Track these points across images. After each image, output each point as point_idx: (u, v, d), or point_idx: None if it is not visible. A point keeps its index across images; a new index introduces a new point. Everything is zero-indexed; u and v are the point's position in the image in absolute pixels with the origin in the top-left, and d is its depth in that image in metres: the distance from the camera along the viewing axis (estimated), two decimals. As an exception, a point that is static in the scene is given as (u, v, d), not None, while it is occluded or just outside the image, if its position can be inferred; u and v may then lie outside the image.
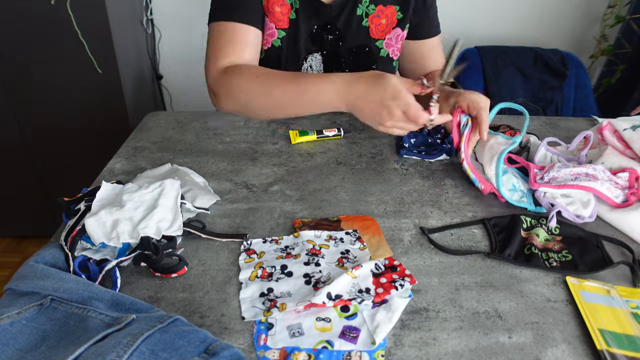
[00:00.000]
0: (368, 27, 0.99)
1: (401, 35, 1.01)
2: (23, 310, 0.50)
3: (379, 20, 0.98)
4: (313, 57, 1.02)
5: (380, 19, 0.98)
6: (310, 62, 1.02)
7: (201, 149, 0.92)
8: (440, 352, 0.51)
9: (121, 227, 0.61)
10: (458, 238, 0.69)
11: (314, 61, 1.02)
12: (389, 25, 0.99)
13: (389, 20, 0.99)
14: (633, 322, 0.55)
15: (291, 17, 0.96)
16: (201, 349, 0.45)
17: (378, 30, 0.99)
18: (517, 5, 1.88)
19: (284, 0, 0.94)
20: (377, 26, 0.99)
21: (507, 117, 1.09)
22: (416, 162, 0.89)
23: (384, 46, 1.01)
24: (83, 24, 1.48)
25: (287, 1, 0.95)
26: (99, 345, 0.45)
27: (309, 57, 1.02)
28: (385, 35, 1.00)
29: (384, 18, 0.98)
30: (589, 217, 0.72)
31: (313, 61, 1.02)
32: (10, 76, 1.58)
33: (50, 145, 1.73)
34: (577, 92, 1.64)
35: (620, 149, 0.83)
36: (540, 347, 0.52)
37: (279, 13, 0.95)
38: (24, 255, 1.96)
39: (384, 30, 1.00)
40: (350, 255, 0.64)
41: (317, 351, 0.50)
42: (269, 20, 0.96)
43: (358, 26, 0.99)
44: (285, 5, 0.95)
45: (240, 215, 0.73)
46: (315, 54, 1.02)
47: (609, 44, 1.87)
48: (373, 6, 0.97)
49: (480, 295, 0.59)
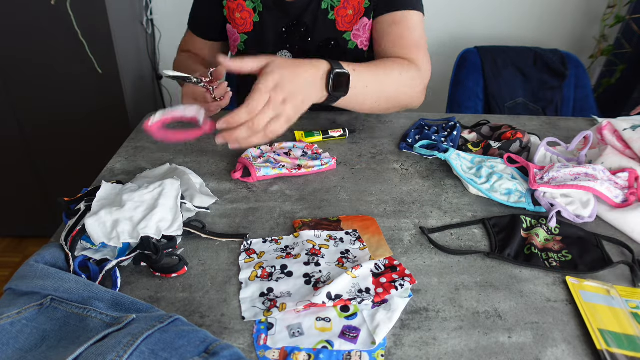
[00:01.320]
0: (334, 20, 0.98)
1: (368, 25, 0.99)
2: (23, 310, 0.50)
3: (345, 12, 0.97)
4: (282, 54, 1.03)
5: (347, 10, 0.97)
6: None
7: (201, 149, 0.92)
8: (440, 352, 0.51)
9: (121, 227, 0.61)
10: (458, 238, 0.69)
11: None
12: (356, 15, 0.98)
13: (355, 10, 0.97)
14: (633, 322, 0.55)
15: (254, 19, 1.00)
16: (201, 349, 0.45)
17: (345, 22, 0.98)
18: (517, 5, 1.88)
19: (244, 6, 1.00)
20: (343, 18, 0.98)
21: (508, 117, 1.09)
22: (416, 162, 0.89)
23: (351, 38, 1.00)
24: (83, 24, 1.48)
25: (248, 6, 0.99)
26: (99, 345, 0.45)
27: (278, 54, 1.03)
28: (353, 27, 0.99)
29: (350, 9, 0.97)
30: (588, 217, 0.72)
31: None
32: (10, 76, 1.58)
33: (50, 145, 1.73)
34: (577, 92, 1.64)
35: (620, 149, 0.83)
36: (540, 347, 0.52)
37: (240, 19, 1.01)
38: (24, 255, 1.96)
39: (351, 22, 0.98)
40: (350, 255, 0.64)
41: (317, 351, 0.50)
42: (232, 27, 1.03)
43: (324, 20, 0.99)
44: (245, 11, 1.00)
45: (240, 215, 0.73)
46: (284, 52, 1.03)
47: (608, 44, 1.87)
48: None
49: (480, 295, 0.59)
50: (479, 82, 1.62)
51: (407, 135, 0.96)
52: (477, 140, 0.94)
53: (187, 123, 0.76)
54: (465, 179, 0.79)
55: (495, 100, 1.61)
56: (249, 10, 1.00)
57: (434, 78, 0.99)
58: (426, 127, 0.98)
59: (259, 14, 1.00)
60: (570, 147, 0.85)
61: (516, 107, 1.61)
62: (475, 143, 0.91)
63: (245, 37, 1.03)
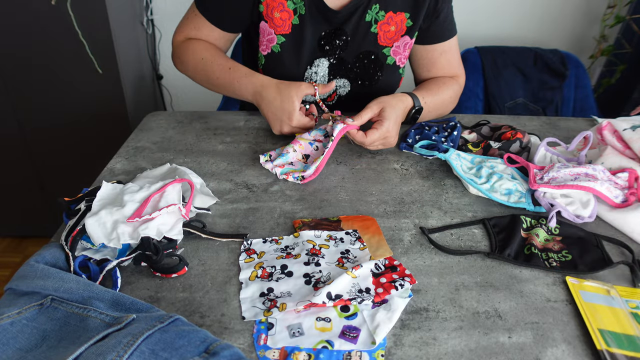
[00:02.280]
0: (376, 33, 0.98)
1: (409, 44, 1.01)
2: (23, 310, 0.50)
3: (387, 27, 0.97)
4: (319, 61, 1.01)
5: (390, 26, 0.97)
6: (316, 67, 1.01)
7: (201, 149, 0.92)
8: (440, 352, 0.51)
9: (121, 228, 0.61)
10: (458, 238, 0.69)
11: (319, 66, 1.01)
12: (398, 32, 0.98)
13: (397, 28, 0.98)
14: (633, 322, 0.55)
15: (294, 22, 0.96)
16: (201, 349, 0.45)
17: (386, 37, 0.99)
18: (517, 6, 1.88)
19: (284, 6, 0.94)
20: (385, 33, 0.98)
21: (508, 117, 1.09)
22: (416, 162, 0.89)
23: (391, 54, 1.01)
24: (83, 24, 1.48)
25: (289, 7, 0.94)
26: (99, 345, 0.45)
27: (315, 61, 1.01)
28: (394, 43, 1.00)
29: (393, 25, 0.97)
30: (588, 217, 0.72)
31: (319, 66, 1.01)
32: (10, 76, 1.58)
33: (50, 145, 1.73)
34: (577, 92, 1.64)
35: (620, 149, 0.83)
36: (540, 347, 0.52)
37: (278, 19, 0.95)
38: (24, 255, 1.96)
39: (392, 38, 0.99)
40: (350, 255, 0.64)
41: (317, 351, 0.50)
42: (268, 26, 0.97)
43: (366, 32, 0.98)
44: (285, 11, 0.95)
45: (240, 215, 0.73)
46: (322, 59, 1.01)
47: (608, 44, 1.87)
48: (383, 12, 0.96)
49: (480, 295, 0.59)
50: (479, 82, 1.62)
51: (407, 135, 0.96)
52: (477, 141, 0.94)
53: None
54: (465, 179, 0.79)
55: (495, 101, 1.61)
56: (289, 10, 0.95)
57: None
58: (426, 127, 0.99)
59: (299, 17, 0.95)
60: (570, 147, 0.85)
61: (516, 107, 1.61)
62: (475, 143, 0.91)
63: (282, 39, 0.97)
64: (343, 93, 1.06)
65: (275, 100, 0.87)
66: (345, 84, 1.05)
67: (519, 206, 0.75)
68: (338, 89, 1.05)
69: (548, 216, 0.71)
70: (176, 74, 2.04)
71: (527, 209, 0.75)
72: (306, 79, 1.02)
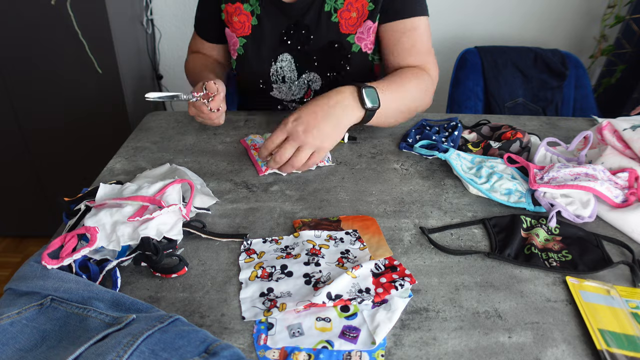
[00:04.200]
0: (338, 22, 0.97)
1: (372, 28, 0.97)
2: (23, 310, 0.50)
3: (348, 15, 0.96)
4: (283, 56, 1.02)
5: (350, 13, 0.96)
6: (280, 62, 1.03)
7: (201, 149, 0.92)
8: (440, 352, 0.51)
9: (121, 229, 0.61)
10: (458, 238, 0.69)
11: (284, 62, 1.02)
12: (360, 18, 0.96)
13: (359, 13, 0.96)
14: (633, 322, 0.55)
15: (253, 23, 0.99)
16: (201, 349, 0.45)
17: (348, 24, 0.97)
18: (517, 5, 1.88)
19: (241, 10, 0.99)
20: (347, 21, 0.97)
21: (508, 117, 1.09)
22: (416, 162, 0.89)
23: (355, 41, 0.99)
24: (83, 24, 1.48)
25: (246, 9, 0.98)
26: (99, 345, 0.45)
27: (279, 57, 1.02)
28: (357, 29, 0.98)
29: (354, 11, 0.96)
30: (588, 217, 0.72)
31: (284, 62, 1.02)
32: (10, 76, 1.58)
33: (50, 145, 1.73)
34: (577, 92, 1.64)
35: (620, 149, 0.83)
36: (540, 347, 0.52)
37: (237, 22, 1.00)
38: (24, 255, 1.96)
39: (355, 24, 0.97)
40: (350, 255, 0.64)
41: (317, 351, 0.50)
42: (230, 31, 1.02)
43: (327, 22, 0.97)
44: (243, 14, 0.99)
45: (240, 215, 0.73)
46: (285, 54, 1.02)
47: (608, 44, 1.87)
48: (341, 0, 0.95)
49: (480, 295, 0.59)
50: (478, 82, 1.62)
51: (407, 135, 0.96)
52: (477, 140, 0.94)
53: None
54: (465, 179, 0.79)
55: (495, 100, 1.61)
56: (246, 13, 0.99)
57: (434, 78, 0.99)
58: (427, 127, 0.98)
59: (257, 17, 0.99)
60: (570, 147, 0.85)
61: (516, 107, 1.61)
62: (475, 143, 0.91)
63: (244, 40, 1.01)
64: (317, 87, 1.06)
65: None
66: (316, 78, 1.05)
67: (519, 206, 0.75)
68: (311, 84, 1.05)
69: (548, 216, 0.71)
70: (176, 74, 2.04)
71: (527, 209, 0.75)
72: (272, 75, 1.04)
